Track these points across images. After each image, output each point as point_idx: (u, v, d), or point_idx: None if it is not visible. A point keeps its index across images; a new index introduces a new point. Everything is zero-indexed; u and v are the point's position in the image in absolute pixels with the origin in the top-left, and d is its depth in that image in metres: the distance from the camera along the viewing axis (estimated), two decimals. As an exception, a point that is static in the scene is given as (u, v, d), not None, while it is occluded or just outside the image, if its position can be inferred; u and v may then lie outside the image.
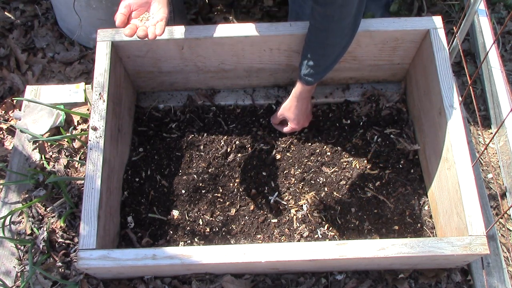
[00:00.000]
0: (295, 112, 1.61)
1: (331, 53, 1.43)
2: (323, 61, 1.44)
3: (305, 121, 1.65)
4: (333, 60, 1.46)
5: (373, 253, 1.25)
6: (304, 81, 1.50)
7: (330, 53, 1.43)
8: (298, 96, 1.57)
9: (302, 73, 1.48)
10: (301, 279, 1.48)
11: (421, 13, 2.12)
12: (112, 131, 1.49)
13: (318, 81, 1.51)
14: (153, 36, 1.30)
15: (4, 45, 2.10)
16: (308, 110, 1.64)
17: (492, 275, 1.49)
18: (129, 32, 1.30)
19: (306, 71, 1.47)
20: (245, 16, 2.17)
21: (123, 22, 1.31)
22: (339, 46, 1.43)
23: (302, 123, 1.64)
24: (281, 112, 1.64)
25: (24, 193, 1.64)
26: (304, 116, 1.63)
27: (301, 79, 1.51)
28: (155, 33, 1.30)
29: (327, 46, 1.40)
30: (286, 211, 1.57)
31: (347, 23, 1.36)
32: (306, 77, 1.48)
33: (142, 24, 1.33)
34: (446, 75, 1.45)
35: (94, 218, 1.31)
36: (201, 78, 1.73)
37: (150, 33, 1.30)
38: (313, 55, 1.42)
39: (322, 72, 1.48)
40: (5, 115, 1.93)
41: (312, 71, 1.46)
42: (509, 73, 2.02)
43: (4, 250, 1.58)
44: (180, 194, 1.61)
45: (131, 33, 1.30)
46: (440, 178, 1.46)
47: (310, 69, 1.46)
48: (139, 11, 1.35)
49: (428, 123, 1.54)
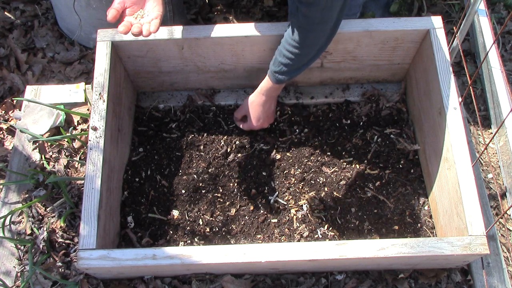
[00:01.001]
0: (256, 109, 1.59)
1: (306, 54, 1.42)
2: (296, 61, 1.43)
3: (264, 121, 1.63)
4: (306, 62, 1.45)
5: (373, 253, 1.25)
6: (274, 78, 1.48)
7: (305, 54, 1.42)
8: (264, 93, 1.56)
9: (274, 70, 1.47)
10: (301, 279, 1.48)
11: (421, 13, 2.12)
12: (112, 131, 1.49)
13: (287, 81, 1.49)
14: (147, 33, 1.29)
15: (4, 45, 2.10)
16: (271, 111, 1.62)
17: (492, 275, 1.49)
18: (123, 29, 1.29)
19: (278, 68, 1.46)
20: (245, 16, 2.17)
21: (114, 17, 1.29)
22: (315, 49, 1.42)
23: (261, 123, 1.62)
24: (243, 106, 1.62)
25: (24, 193, 1.64)
26: (265, 115, 1.61)
27: (271, 76, 1.49)
28: (150, 30, 1.29)
29: (304, 46, 1.39)
30: (286, 211, 1.57)
31: (327, 27, 1.36)
32: (277, 74, 1.47)
33: (137, 21, 1.32)
34: (446, 75, 1.45)
35: (94, 218, 1.31)
36: (201, 78, 1.73)
37: (145, 30, 1.29)
38: (288, 53, 1.41)
39: (293, 72, 1.46)
40: (5, 115, 1.93)
41: (284, 69, 1.45)
42: (509, 73, 2.02)
43: (4, 250, 1.58)
44: (180, 194, 1.61)
45: (125, 30, 1.29)
46: (440, 178, 1.46)
47: (282, 67, 1.45)
48: (134, 9, 1.34)
49: (428, 123, 1.54)
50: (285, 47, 1.42)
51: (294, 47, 1.39)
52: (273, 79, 1.49)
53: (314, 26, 1.34)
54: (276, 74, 1.47)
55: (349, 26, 1.52)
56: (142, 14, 1.34)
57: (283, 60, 1.43)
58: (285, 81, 1.49)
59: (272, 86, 1.52)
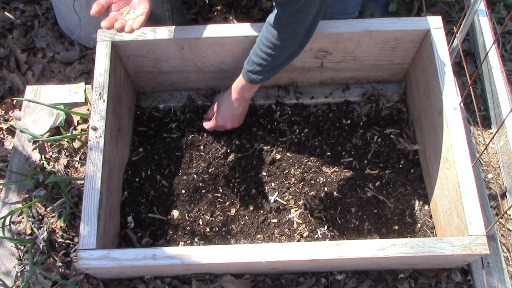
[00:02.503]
0: (224, 106, 1.56)
1: (280, 55, 1.42)
2: (270, 61, 1.42)
3: (229, 121, 1.60)
4: (280, 63, 1.45)
5: (373, 253, 1.25)
6: (247, 77, 1.47)
7: (279, 55, 1.41)
8: (235, 91, 1.54)
9: (247, 69, 1.46)
10: (301, 279, 1.48)
11: (420, 13, 2.12)
12: (112, 131, 1.49)
13: (261, 82, 1.48)
14: (129, 30, 1.28)
15: (4, 45, 2.10)
16: (238, 112, 1.59)
17: (492, 275, 1.49)
18: (106, 24, 1.28)
19: (251, 67, 1.45)
20: (245, 16, 2.17)
21: (98, 11, 1.28)
22: (289, 51, 1.42)
23: (225, 122, 1.59)
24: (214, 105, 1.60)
25: (24, 193, 1.64)
26: (230, 115, 1.58)
27: (245, 75, 1.48)
28: (132, 27, 1.28)
29: (278, 47, 1.38)
30: (286, 211, 1.57)
31: (301, 30, 1.36)
32: (250, 73, 1.46)
33: (122, 17, 1.32)
34: (446, 75, 1.45)
35: (94, 218, 1.31)
36: (201, 78, 1.73)
37: (127, 26, 1.28)
38: (262, 53, 1.40)
39: (267, 72, 1.45)
40: (5, 115, 1.93)
41: (258, 68, 1.44)
42: (509, 73, 2.03)
43: (4, 250, 1.58)
44: (180, 194, 1.61)
45: (108, 25, 1.28)
46: (440, 178, 1.46)
47: (256, 66, 1.44)
48: (120, 4, 1.33)
49: (428, 123, 1.54)
50: (259, 47, 1.41)
51: (268, 47, 1.38)
52: (246, 78, 1.48)
53: (287, 27, 1.33)
54: (250, 73, 1.46)
55: (349, 26, 1.52)
56: (128, 10, 1.33)
57: (257, 60, 1.42)
58: (258, 81, 1.48)
59: (245, 85, 1.51)
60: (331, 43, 1.56)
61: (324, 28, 1.52)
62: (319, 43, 1.56)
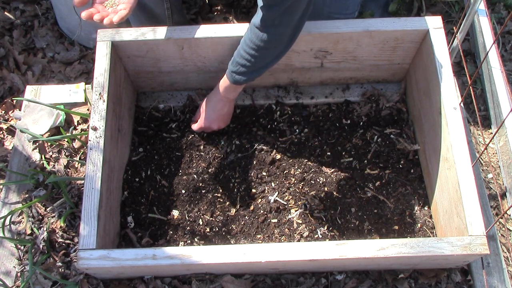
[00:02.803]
0: (209, 107, 1.57)
1: (264, 57, 1.41)
2: (254, 62, 1.41)
3: (214, 122, 1.60)
4: (264, 65, 1.44)
5: (373, 253, 1.25)
6: (231, 77, 1.47)
7: (262, 56, 1.40)
8: (220, 92, 1.54)
9: (231, 69, 1.46)
10: (301, 279, 1.48)
11: (420, 13, 2.12)
12: (112, 131, 1.49)
13: (245, 83, 1.48)
14: (108, 22, 1.27)
15: (4, 45, 2.10)
16: (223, 112, 1.59)
17: (492, 275, 1.49)
18: (85, 15, 1.27)
19: (235, 68, 1.44)
20: (245, 16, 2.17)
21: (81, 2, 1.26)
22: (273, 53, 1.41)
23: (210, 122, 1.59)
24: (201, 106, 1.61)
25: (24, 193, 1.64)
26: (216, 115, 1.59)
27: (229, 75, 1.48)
28: (112, 19, 1.27)
29: (262, 48, 1.37)
30: (286, 211, 1.57)
31: (286, 31, 1.35)
32: (234, 74, 1.45)
33: (106, 10, 1.31)
34: (446, 75, 1.45)
35: (94, 218, 1.31)
36: (201, 78, 1.73)
37: (107, 19, 1.27)
38: (246, 54, 1.40)
39: (251, 73, 1.45)
40: (5, 115, 1.93)
41: (242, 69, 1.43)
42: (509, 73, 2.03)
43: (4, 250, 1.58)
44: (180, 194, 1.61)
45: (87, 16, 1.27)
46: (440, 178, 1.46)
47: (239, 67, 1.43)
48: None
49: (428, 123, 1.54)
50: (243, 48, 1.40)
51: (252, 48, 1.38)
52: (231, 78, 1.47)
53: (272, 29, 1.33)
54: (234, 74, 1.46)
55: (349, 26, 1.52)
56: (111, 3, 1.33)
57: (241, 61, 1.42)
58: (242, 82, 1.47)
59: (229, 85, 1.50)
60: (331, 43, 1.56)
61: (324, 28, 1.52)
62: (319, 43, 1.56)
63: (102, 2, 1.33)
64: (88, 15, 1.28)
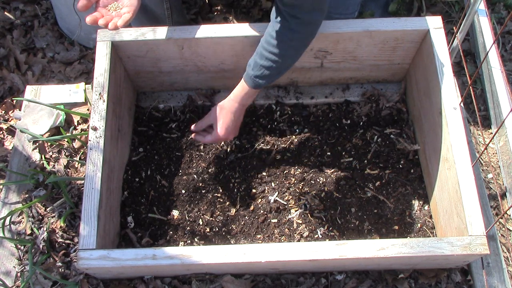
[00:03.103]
0: (227, 117, 1.47)
1: (292, 56, 1.37)
2: (279, 64, 1.37)
3: (231, 132, 1.50)
4: (288, 65, 1.40)
5: (373, 253, 1.25)
6: (253, 83, 1.40)
7: (290, 56, 1.37)
8: (238, 100, 1.45)
9: (253, 74, 1.39)
10: (301, 279, 1.48)
11: (420, 13, 2.12)
12: (112, 131, 1.49)
13: (265, 85, 1.42)
14: (113, 27, 1.26)
15: (4, 45, 2.10)
16: (240, 121, 1.51)
17: (492, 275, 1.49)
18: (90, 20, 1.26)
19: (259, 72, 1.38)
20: (245, 16, 2.17)
21: (84, 6, 1.26)
22: (300, 52, 1.39)
23: (228, 133, 1.49)
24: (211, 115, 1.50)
25: (24, 193, 1.64)
26: (234, 125, 1.49)
27: (249, 81, 1.41)
28: (117, 24, 1.26)
29: (290, 48, 1.34)
30: (286, 211, 1.57)
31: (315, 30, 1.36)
32: (257, 79, 1.39)
33: (109, 13, 1.30)
34: (446, 75, 1.45)
35: (94, 218, 1.31)
36: (201, 78, 1.73)
37: (112, 23, 1.26)
38: (271, 55, 1.35)
39: (275, 76, 1.40)
40: (5, 115, 1.93)
41: (266, 72, 1.37)
42: (509, 73, 2.03)
43: (4, 250, 1.58)
44: (180, 194, 1.61)
45: (91, 21, 1.26)
46: (440, 178, 1.46)
47: (264, 70, 1.37)
48: (108, 0, 1.32)
49: (428, 123, 1.54)
50: (267, 49, 1.35)
51: (279, 48, 1.34)
52: (252, 83, 1.41)
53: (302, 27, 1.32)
54: (257, 79, 1.40)
55: (349, 26, 1.52)
56: (115, 7, 1.32)
57: (265, 63, 1.36)
58: (263, 86, 1.42)
59: (248, 91, 1.44)
60: (331, 43, 1.56)
61: (324, 28, 1.52)
62: (319, 43, 1.56)
63: (105, 6, 1.32)
64: (93, 20, 1.27)
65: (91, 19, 1.27)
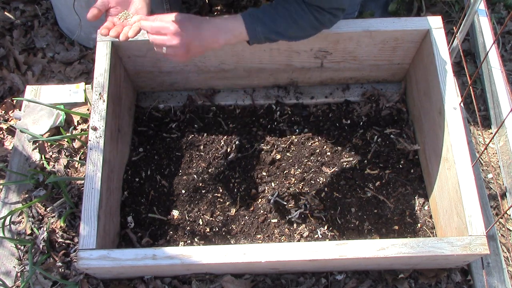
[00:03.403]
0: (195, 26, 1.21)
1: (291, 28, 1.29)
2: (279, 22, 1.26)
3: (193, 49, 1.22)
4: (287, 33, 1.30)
5: (373, 253, 1.25)
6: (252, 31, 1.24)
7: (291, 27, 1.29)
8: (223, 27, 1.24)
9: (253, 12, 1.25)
10: (301, 279, 1.48)
11: (420, 13, 2.12)
12: (112, 131, 1.49)
13: (258, 38, 1.28)
14: (124, 38, 1.25)
15: (4, 45, 2.10)
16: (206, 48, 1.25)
17: (492, 275, 1.49)
18: (104, 32, 1.26)
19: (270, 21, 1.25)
20: (245, 16, 2.17)
21: (95, 16, 1.26)
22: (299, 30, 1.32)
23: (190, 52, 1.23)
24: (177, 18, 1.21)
25: (24, 193, 1.64)
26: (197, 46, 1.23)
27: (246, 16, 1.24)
28: (127, 35, 1.25)
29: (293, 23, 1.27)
30: (286, 211, 1.57)
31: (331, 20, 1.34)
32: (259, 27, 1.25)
33: (120, 22, 1.30)
34: (446, 75, 1.45)
35: (94, 218, 1.31)
36: (201, 78, 1.73)
37: (122, 34, 1.25)
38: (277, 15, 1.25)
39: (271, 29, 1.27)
40: (5, 115, 1.93)
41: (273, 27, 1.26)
42: (509, 73, 2.03)
43: (4, 250, 1.58)
44: (180, 194, 1.61)
45: (105, 33, 1.26)
46: (440, 178, 1.46)
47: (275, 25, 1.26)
48: (118, 9, 1.30)
49: (428, 123, 1.54)
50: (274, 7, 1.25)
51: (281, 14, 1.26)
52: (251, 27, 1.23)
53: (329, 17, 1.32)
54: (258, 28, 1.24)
55: (349, 26, 1.52)
56: (126, 16, 1.31)
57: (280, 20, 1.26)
58: (256, 35, 1.26)
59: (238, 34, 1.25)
60: (331, 43, 1.56)
61: (324, 28, 1.52)
62: (319, 43, 1.56)
63: (115, 14, 1.31)
64: (106, 31, 1.26)
65: (105, 31, 1.26)
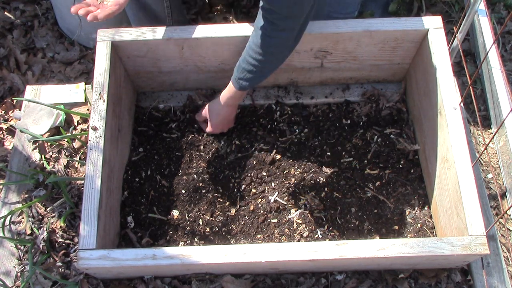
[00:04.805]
0: (217, 116, 1.61)
1: (270, 62, 1.42)
2: (261, 68, 1.42)
3: (224, 127, 1.66)
4: (271, 69, 1.46)
5: (373, 253, 1.25)
6: (238, 84, 1.48)
7: (269, 61, 1.41)
8: (225, 101, 1.56)
9: (238, 77, 1.46)
10: (301, 279, 1.48)
11: (420, 13, 2.12)
12: (112, 131, 1.49)
13: (251, 88, 1.50)
14: (92, 18, 1.26)
15: (4, 45, 2.10)
16: (232, 117, 1.64)
17: (492, 275, 1.49)
18: (73, 10, 1.28)
19: (242, 74, 1.45)
20: (245, 16, 2.17)
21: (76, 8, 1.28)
22: (279, 57, 1.42)
23: (220, 128, 1.66)
24: (206, 113, 1.64)
25: (24, 193, 1.64)
26: (225, 122, 1.64)
27: (235, 82, 1.49)
28: (96, 15, 1.27)
29: (268, 53, 1.38)
30: (286, 211, 1.57)
31: (291, 36, 1.36)
32: (241, 81, 1.46)
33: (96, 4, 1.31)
34: (446, 75, 1.45)
35: (94, 218, 1.31)
36: (201, 78, 1.73)
37: (91, 15, 1.27)
38: (252, 59, 1.40)
39: (258, 78, 1.46)
40: (5, 115, 1.93)
41: (248, 75, 1.44)
42: (509, 73, 2.02)
43: (4, 250, 1.58)
44: (180, 194, 1.61)
45: (75, 11, 1.28)
46: (440, 178, 1.46)
47: (246, 73, 1.44)
48: None
49: (428, 123, 1.54)
50: (249, 53, 1.41)
51: (258, 53, 1.38)
52: (237, 85, 1.48)
53: (277, 33, 1.33)
54: (240, 81, 1.46)
55: (349, 26, 1.52)
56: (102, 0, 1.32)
57: (247, 67, 1.42)
58: (248, 88, 1.49)
59: (235, 93, 1.51)
60: (331, 43, 1.56)
61: (324, 28, 1.52)
62: (319, 43, 1.56)
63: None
64: (75, 9, 1.28)
65: (74, 9, 1.28)
